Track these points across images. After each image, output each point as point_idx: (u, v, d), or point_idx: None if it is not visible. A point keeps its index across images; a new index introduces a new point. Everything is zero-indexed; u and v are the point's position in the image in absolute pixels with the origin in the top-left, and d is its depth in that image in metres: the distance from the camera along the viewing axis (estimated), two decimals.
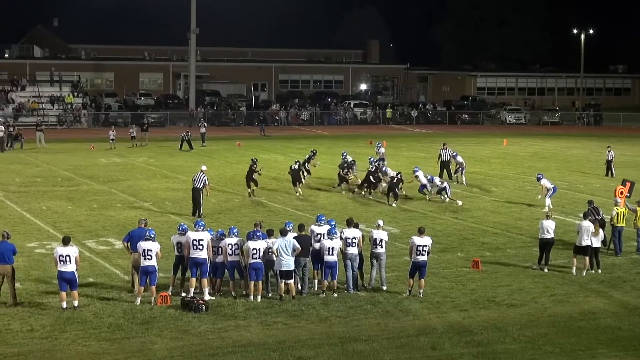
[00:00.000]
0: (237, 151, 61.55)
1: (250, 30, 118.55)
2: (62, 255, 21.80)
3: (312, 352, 19.20)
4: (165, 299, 22.34)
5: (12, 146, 60.88)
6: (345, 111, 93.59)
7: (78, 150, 60.20)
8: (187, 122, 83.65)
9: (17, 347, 19.18)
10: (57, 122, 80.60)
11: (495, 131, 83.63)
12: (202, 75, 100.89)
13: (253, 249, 22.76)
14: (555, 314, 22.20)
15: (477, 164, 54.57)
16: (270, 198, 39.96)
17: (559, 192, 41.03)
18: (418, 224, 27.95)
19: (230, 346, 19.46)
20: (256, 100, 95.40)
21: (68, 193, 41.12)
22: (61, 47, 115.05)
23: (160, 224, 32.34)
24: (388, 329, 20.85)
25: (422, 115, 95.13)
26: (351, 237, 23.88)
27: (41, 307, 22.00)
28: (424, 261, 23.45)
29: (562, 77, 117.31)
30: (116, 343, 19.55)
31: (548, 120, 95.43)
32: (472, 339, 20.17)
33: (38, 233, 31.55)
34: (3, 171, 48.47)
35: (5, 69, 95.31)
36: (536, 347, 19.73)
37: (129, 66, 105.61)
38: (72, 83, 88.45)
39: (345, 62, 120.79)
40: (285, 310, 22.11)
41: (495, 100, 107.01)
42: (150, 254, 22.34)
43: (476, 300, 23.24)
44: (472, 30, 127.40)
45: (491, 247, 30.20)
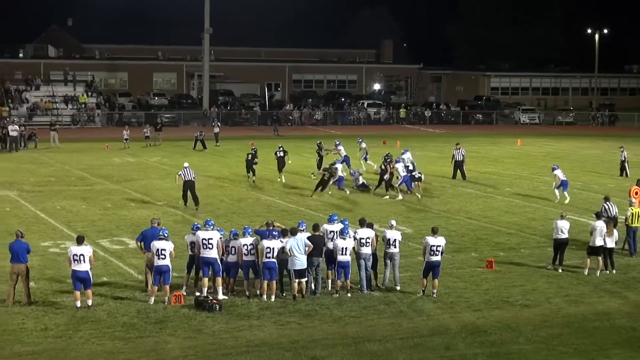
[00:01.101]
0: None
1: (264, 30, 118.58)
2: (76, 255, 21.84)
3: (325, 352, 19.19)
4: (179, 299, 22.36)
5: (26, 146, 61.05)
6: (358, 111, 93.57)
7: (92, 150, 60.33)
8: (201, 121, 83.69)
9: (31, 346, 19.22)
10: (71, 122, 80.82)
11: (509, 131, 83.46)
12: (216, 75, 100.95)
13: (267, 248, 22.77)
14: (569, 315, 22.14)
15: (491, 163, 54.51)
16: (284, 198, 39.97)
17: (574, 192, 40.96)
18: (432, 224, 27.89)
19: (244, 346, 19.46)
20: (269, 100, 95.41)
21: (82, 192, 41.21)
22: (75, 47, 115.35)
23: (174, 223, 32.38)
24: (402, 329, 20.83)
25: (436, 115, 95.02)
26: (365, 237, 23.86)
27: (55, 306, 22.05)
28: (437, 261, 23.42)
29: (577, 77, 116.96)
30: (130, 342, 19.58)
31: (562, 120, 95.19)
32: (485, 339, 20.13)
33: (52, 232, 31.63)
34: (17, 170, 48.62)
35: (19, 68, 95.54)
36: (550, 348, 19.68)
37: (142, 66, 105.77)
38: (86, 83, 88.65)
39: (358, 61, 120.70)
40: (299, 310, 22.10)
41: (509, 100, 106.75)
42: (164, 254, 22.37)
43: (490, 301, 23.19)
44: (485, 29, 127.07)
45: (505, 247, 30.14)
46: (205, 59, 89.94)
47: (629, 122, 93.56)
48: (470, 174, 47.34)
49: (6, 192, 40.76)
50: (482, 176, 48.15)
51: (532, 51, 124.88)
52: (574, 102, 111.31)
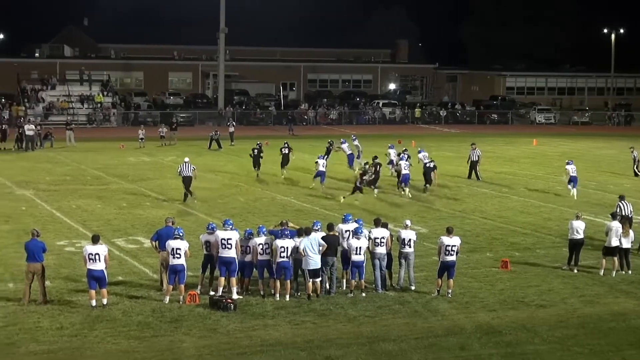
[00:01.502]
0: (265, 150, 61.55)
1: (279, 29, 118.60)
2: (91, 254, 21.89)
3: (340, 351, 19.18)
4: (193, 298, 22.39)
5: (42, 145, 61.25)
6: (374, 111, 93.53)
7: (107, 149, 60.48)
8: (216, 121, 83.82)
9: (46, 345, 19.29)
10: (86, 121, 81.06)
11: (524, 131, 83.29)
12: (231, 74, 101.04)
13: (281, 247, 22.79)
14: (584, 315, 22.08)
15: (507, 163, 54.43)
16: (299, 198, 39.99)
17: (589, 192, 40.95)
18: (447, 224, 27.84)
19: (259, 345, 19.48)
20: (285, 99, 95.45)
21: (97, 192, 41.32)
22: (91, 47, 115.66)
23: (189, 223, 32.42)
24: (416, 328, 20.80)
25: (451, 115, 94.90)
26: (380, 237, 23.84)
27: (71, 305, 22.11)
28: (452, 261, 23.38)
29: (592, 77, 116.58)
30: (145, 341, 19.62)
31: (578, 120, 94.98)
32: (500, 340, 20.09)
33: (68, 231, 31.72)
34: (33, 170, 48.78)
35: (35, 68, 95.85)
36: (565, 348, 19.63)
37: (158, 65, 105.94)
38: (102, 82, 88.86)
39: (373, 61, 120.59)
40: (314, 309, 22.10)
41: (524, 100, 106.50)
42: (179, 253, 22.41)
43: (505, 301, 23.15)
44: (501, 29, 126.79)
45: (520, 247, 30.07)
46: (220, 59, 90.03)
47: None
48: (485, 173, 47.27)
49: (22, 191, 40.91)
50: (497, 176, 48.07)
51: (547, 51, 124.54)
52: (589, 102, 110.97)
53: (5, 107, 79.59)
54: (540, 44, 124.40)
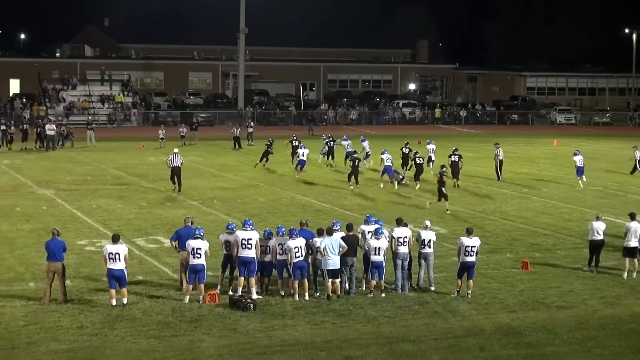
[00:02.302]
0: (285, 150, 61.61)
1: (299, 29, 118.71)
2: (111, 253, 21.96)
3: (359, 351, 19.17)
4: (213, 298, 22.42)
5: (63, 145, 61.50)
6: (393, 111, 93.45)
7: (128, 149, 60.67)
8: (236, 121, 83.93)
9: (67, 344, 19.36)
10: (107, 121, 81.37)
11: (545, 131, 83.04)
12: (251, 74, 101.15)
13: (295, 248, 22.80)
14: (605, 316, 21.99)
15: (527, 164, 54.27)
16: (319, 197, 39.99)
17: (610, 193, 40.78)
18: (466, 225, 27.79)
19: (278, 345, 19.49)
20: (304, 99, 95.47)
21: (118, 191, 41.45)
22: (111, 47, 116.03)
23: (209, 222, 32.46)
24: (436, 329, 20.77)
25: (471, 115, 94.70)
26: (402, 236, 23.82)
27: (91, 304, 22.19)
28: (472, 262, 23.33)
29: (614, 77, 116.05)
30: (165, 341, 19.66)
31: (599, 121, 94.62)
32: (520, 341, 20.03)
33: (88, 231, 31.83)
34: (54, 169, 48.99)
35: (56, 68, 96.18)
36: (586, 350, 19.55)
37: (178, 65, 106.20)
38: (122, 82, 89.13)
39: (393, 61, 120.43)
40: (333, 309, 22.10)
41: (545, 101, 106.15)
42: (199, 252, 22.44)
43: (525, 302, 23.08)
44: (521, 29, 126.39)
45: (540, 248, 29.98)
46: (240, 59, 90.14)
47: None
48: (506, 174, 47.10)
49: (43, 191, 41.08)
50: (517, 177, 47.94)
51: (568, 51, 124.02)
52: (610, 102, 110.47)
53: (26, 107, 79.98)
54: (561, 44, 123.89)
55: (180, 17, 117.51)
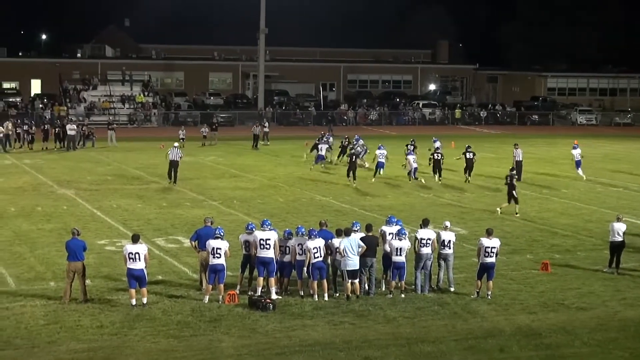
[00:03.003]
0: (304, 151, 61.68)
1: (319, 30, 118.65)
2: (131, 253, 22.02)
3: (379, 352, 19.16)
4: (233, 298, 22.46)
5: (84, 145, 61.74)
6: (413, 111, 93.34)
7: (148, 149, 60.81)
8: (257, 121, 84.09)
9: (87, 343, 19.43)
10: (127, 121, 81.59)
11: (565, 132, 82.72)
12: (271, 75, 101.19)
13: (313, 248, 22.80)
14: (625, 318, 21.89)
15: (547, 165, 54.08)
16: (338, 198, 39.99)
17: (632, 194, 40.67)
18: (486, 225, 27.69)
19: (297, 345, 19.50)
20: (324, 100, 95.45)
21: (138, 191, 41.57)
22: (132, 47, 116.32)
23: (229, 222, 32.51)
24: (455, 330, 20.74)
25: (492, 115, 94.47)
26: (426, 238, 23.79)
27: (111, 303, 22.26)
28: (492, 263, 23.27)
29: (635, 78, 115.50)
30: (184, 340, 19.71)
31: (620, 122, 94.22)
32: (540, 342, 19.98)
33: (108, 230, 31.95)
34: (75, 169, 49.18)
35: (77, 68, 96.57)
36: (606, 352, 19.48)
37: (198, 66, 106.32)
38: (143, 82, 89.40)
39: (413, 62, 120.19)
40: (353, 310, 22.09)
41: (565, 101, 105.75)
42: (219, 252, 22.48)
43: (545, 303, 23.01)
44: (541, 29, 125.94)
45: (561, 249, 29.88)
46: (260, 59, 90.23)
47: None
48: (526, 175, 47.00)
49: (64, 191, 41.25)
50: (538, 177, 47.81)
51: (589, 51, 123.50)
52: (632, 103, 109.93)
53: (47, 107, 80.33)
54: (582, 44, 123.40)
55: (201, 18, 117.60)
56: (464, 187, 43.87)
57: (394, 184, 44.58)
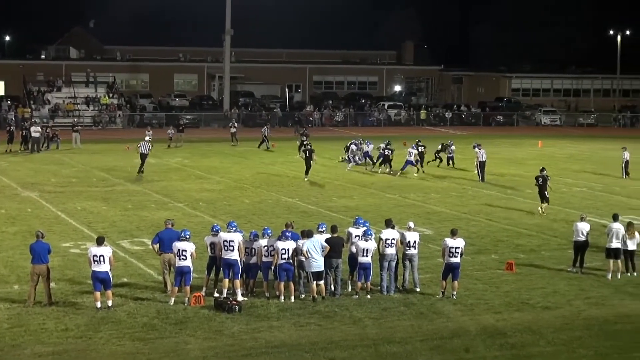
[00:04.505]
0: (270, 152, 61.70)
1: (285, 31, 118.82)
2: (96, 255, 21.91)
3: (345, 353, 19.18)
4: (198, 300, 22.40)
5: (48, 147, 61.33)
6: (379, 112, 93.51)
7: (113, 151, 60.52)
8: (222, 123, 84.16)
9: (51, 346, 19.30)
10: (92, 123, 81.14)
11: (530, 133, 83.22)
12: (237, 76, 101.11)
13: (282, 249, 22.79)
14: (590, 317, 22.04)
15: (512, 165, 54.35)
16: (305, 199, 39.99)
17: (595, 194, 40.98)
18: (452, 226, 27.76)
19: (263, 347, 19.47)
20: (290, 101, 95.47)
21: (103, 193, 41.36)
22: (97, 49, 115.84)
23: (194, 224, 32.43)
24: (421, 330, 20.79)
25: (457, 116, 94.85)
26: (390, 238, 23.83)
27: (76, 306, 22.12)
28: (456, 263, 23.35)
29: (598, 79, 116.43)
30: (150, 343, 19.63)
31: (584, 122, 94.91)
32: (505, 342, 20.06)
33: (73, 233, 31.75)
34: (39, 171, 48.85)
35: (41, 70, 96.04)
36: (571, 350, 19.60)
37: (163, 67, 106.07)
38: (108, 84, 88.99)
39: (379, 63, 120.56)
40: (319, 311, 22.10)
41: (530, 102, 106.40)
42: (185, 255, 22.41)
43: (510, 303, 23.12)
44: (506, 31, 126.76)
45: (525, 249, 30.03)
46: (226, 61, 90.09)
47: None
48: (491, 175, 47.24)
49: (28, 193, 40.96)
50: (502, 178, 48.04)
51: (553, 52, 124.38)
52: (595, 103, 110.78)
53: (11, 109, 79.73)
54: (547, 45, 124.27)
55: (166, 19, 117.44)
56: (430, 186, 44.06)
57: (361, 185, 44.64)
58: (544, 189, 36.82)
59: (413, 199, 40.55)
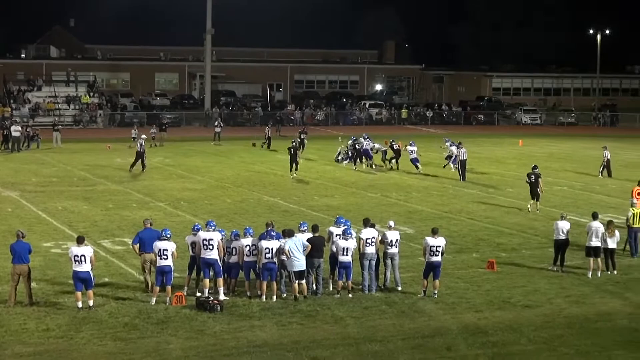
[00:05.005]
0: (252, 151, 61.66)
1: (266, 30, 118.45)
2: (77, 255, 21.85)
3: (327, 352, 19.20)
4: (180, 299, 22.38)
5: (28, 146, 61.11)
6: (360, 111, 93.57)
7: (94, 150, 60.36)
8: (203, 122, 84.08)
9: (33, 347, 19.24)
10: (73, 122, 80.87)
11: (510, 132, 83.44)
12: (218, 75, 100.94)
13: (266, 249, 22.79)
14: (571, 315, 22.14)
15: (493, 164, 54.49)
16: (286, 199, 39.98)
17: (576, 193, 41.13)
18: (433, 224, 27.84)
19: (245, 346, 19.47)
20: (271, 100, 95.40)
21: (84, 193, 41.24)
22: (77, 47, 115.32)
23: (176, 224, 32.37)
24: (403, 329, 20.83)
25: (438, 115, 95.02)
26: (370, 237, 23.86)
27: (57, 306, 22.06)
28: (437, 262, 23.41)
29: (578, 78, 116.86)
30: (131, 343, 19.60)
31: (564, 121, 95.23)
32: (487, 340, 20.13)
33: (54, 233, 31.66)
34: (20, 171, 48.66)
35: (22, 69, 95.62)
36: (552, 349, 19.68)
37: (144, 66, 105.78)
38: (88, 83, 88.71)
39: (360, 62, 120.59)
40: (300, 310, 22.11)
41: (511, 101, 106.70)
42: (166, 254, 22.38)
43: (491, 301, 23.19)
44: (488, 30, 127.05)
45: (506, 247, 30.13)
46: (207, 60, 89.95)
47: (630, 123, 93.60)
48: (472, 174, 47.38)
49: (8, 193, 40.80)
50: (483, 177, 48.15)
51: (534, 52, 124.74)
52: (575, 102, 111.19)
53: None
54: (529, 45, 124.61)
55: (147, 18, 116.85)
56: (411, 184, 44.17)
57: (343, 184, 44.67)
58: (536, 187, 37.01)
59: (395, 197, 40.61)
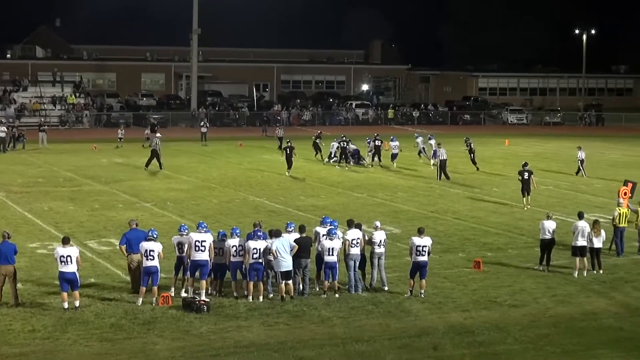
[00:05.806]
0: (239, 152, 61.61)
1: (253, 30, 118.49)
2: (62, 256, 21.79)
3: (313, 352, 19.19)
4: (166, 300, 22.34)
5: (14, 147, 60.93)
6: (347, 112, 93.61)
7: (80, 151, 60.23)
8: (189, 122, 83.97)
9: (18, 348, 19.18)
10: (59, 123, 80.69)
11: (496, 132, 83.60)
12: (204, 75, 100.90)
13: (253, 249, 22.76)
14: (557, 315, 22.18)
15: (479, 163, 54.49)
16: (272, 199, 39.97)
17: (562, 192, 41.16)
18: (420, 224, 27.84)
19: (232, 347, 19.45)
20: (258, 100, 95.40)
21: (70, 193, 41.15)
22: (63, 48, 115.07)
23: (162, 224, 32.32)
24: (390, 329, 20.84)
25: (424, 115, 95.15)
26: (355, 238, 23.86)
27: (43, 307, 22.00)
28: (424, 261, 23.42)
29: (564, 78, 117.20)
30: (118, 343, 19.56)
31: (550, 121, 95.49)
32: (473, 340, 20.16)
33: (40, 233, 31.57)
34: (5, 172, 48.52)
35: (7, 69, 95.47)
36: (538, 348, 19.72)
37: (131, 67, 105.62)
38: (74, 83, 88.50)
39: (347, 62, 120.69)
40: (287, 310, 22.10)
41: (497, 101, 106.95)
42: (152, 255, 22.34)
43: (478, 301, 23.22)
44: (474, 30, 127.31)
45: (493, 247, 30.18)
46: (193, 60, 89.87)
47: (616, 123, 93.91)
48: (457, 174, 47.47)
49: None
50: (469, 176, 48.22)
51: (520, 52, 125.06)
52: (561, 102, 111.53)
53: None
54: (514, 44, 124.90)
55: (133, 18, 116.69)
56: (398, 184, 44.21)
57: (329, 184, 44.69)
58: (528, 184, 37.27)
59: (381, 197, 40.65)
